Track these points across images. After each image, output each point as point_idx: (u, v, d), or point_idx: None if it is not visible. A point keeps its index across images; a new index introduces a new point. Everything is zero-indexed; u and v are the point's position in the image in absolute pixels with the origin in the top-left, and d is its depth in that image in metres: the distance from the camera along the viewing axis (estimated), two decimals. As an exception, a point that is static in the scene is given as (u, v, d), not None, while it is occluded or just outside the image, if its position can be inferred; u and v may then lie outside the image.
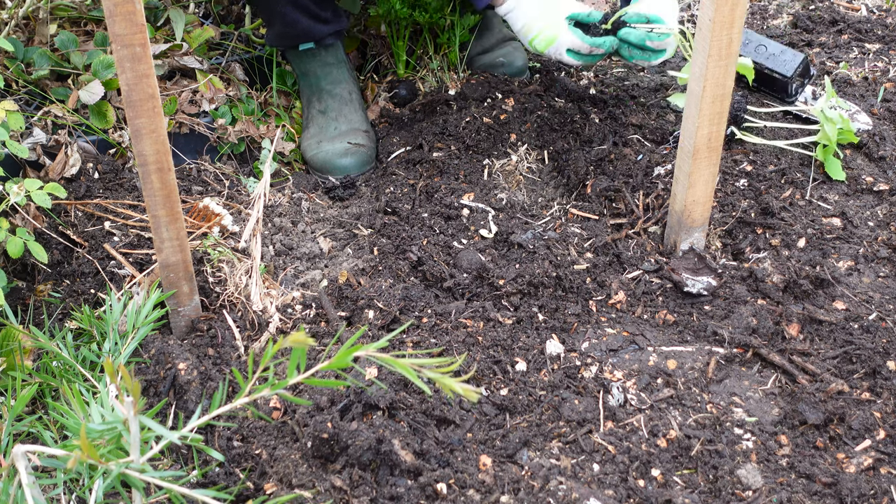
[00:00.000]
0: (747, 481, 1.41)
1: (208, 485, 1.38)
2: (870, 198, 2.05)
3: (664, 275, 1.85)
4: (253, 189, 2.14)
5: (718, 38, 1.59)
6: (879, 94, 2.41)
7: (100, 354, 1.57)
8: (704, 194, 1.80)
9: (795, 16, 2.93)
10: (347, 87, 2.31)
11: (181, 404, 1.52)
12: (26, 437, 1.42)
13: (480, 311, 1.74)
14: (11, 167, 1.99)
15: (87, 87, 2.11)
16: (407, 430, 1.43)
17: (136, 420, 0.97)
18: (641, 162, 2.10)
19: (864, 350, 1.64)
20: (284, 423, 1.49)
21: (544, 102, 2.30)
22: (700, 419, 1.53)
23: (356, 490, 1.35)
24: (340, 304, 1.79)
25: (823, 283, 1.81)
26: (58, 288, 1.83)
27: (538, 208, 2.09)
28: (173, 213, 1.54)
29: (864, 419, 1.51)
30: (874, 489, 1.40)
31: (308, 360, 1.61)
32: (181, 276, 1.64)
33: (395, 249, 1.93)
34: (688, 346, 1.70)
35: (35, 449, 0.97)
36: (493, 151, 2.18)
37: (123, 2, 1.31)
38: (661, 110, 2.37)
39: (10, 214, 1.86)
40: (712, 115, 1.68)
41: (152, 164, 1.48)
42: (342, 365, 0.92)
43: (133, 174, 2.09)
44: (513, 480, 1.37)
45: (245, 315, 1.75)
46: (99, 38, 2.26)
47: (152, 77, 1.40)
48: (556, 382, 1.61)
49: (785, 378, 1.63)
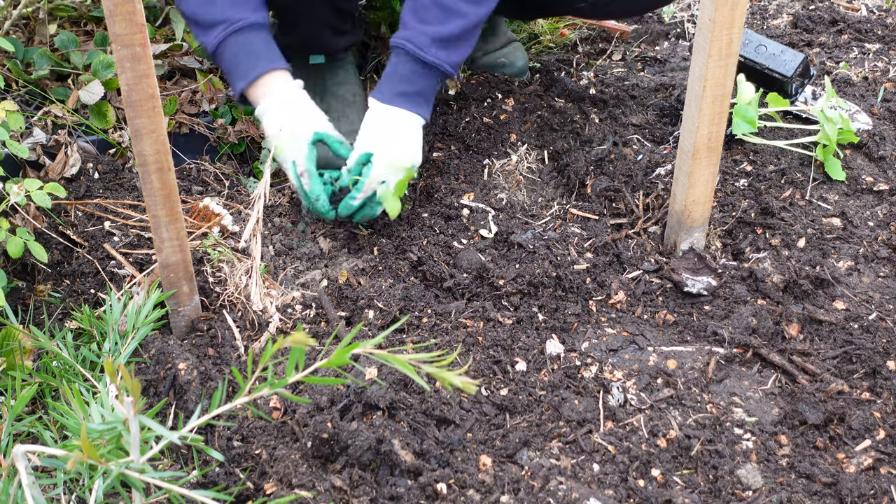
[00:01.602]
0: (747, 481, 1.41)
1: (208, 485, 1.38)
2: (870, 198, 2.05)
3: (664, 275, 1.85)
4: (253, 189, 2.14)
5: (718, 38, 1.59)
6: (879, 94, 2.41)
7: (100, 354, 1.57)
8: (704, 194, 1.80)
9: (795, 16, 2.93)
10: (352, 90, 2.31)
11: (181, 404, 1.52)
12: (26, 437, 1.42)
13: (480, 311, 1.74)
14: (11, 167, 1.99)
15: (87, 87, 2.11)
16: (407, 430, 1.43)
17: (136, 420, 0.97)
18: (641, 162, 2.10)
19: (864, 350, 1.64)
20: (284, 423, 1.49)
21: (544, 102, 2.30)
22: (700, 419, 1.53)
23: (356, 490, 1.35)
24: (340, 304, 1.79)
25: (823, 283, 1.81)
26: (58, 288, 1.83)
27: (538, 208, 2.09)
28: (173, 213, 1.54)
29: (864, 419, 1.51)
30: (874, 489, 1.40)
31: (308, 361, 1.61)
32: (181, 276, 1.64)
33: (395, 249, 1.93)
34: (688, 346, 1.70)
35: (35, 449, 0.97)
36: (493, 151, 2.18)
37: (123, 1, 1.31)
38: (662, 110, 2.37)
39: (10, 214, 1.86)
40: (712, 115, 1.68)
41: (152, 165, 1.48)
42: (341, 362, 0.92)
43: (133, 174, 2.09)
44: (513, 480, 1.37)
45: (245, 315, 1.75)
46: (99, 38, 2.26)
47: (152, 77, 1.40)
48: (556, 382, 1.61)
49: (785, 378, 1.63)
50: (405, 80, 1.90)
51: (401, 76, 1.90)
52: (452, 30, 1.86)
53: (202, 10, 1.85)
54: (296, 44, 2.29)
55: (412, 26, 1.88)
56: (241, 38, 1.86)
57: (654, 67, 2.72)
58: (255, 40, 1.87)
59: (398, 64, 1.90)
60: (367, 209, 1.91)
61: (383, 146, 1.89)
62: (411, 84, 1.90)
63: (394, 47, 1.90)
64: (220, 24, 1.85)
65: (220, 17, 1.85)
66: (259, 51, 1.88)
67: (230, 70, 1.88)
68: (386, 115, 1.91)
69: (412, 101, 1.91)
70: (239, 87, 1.89)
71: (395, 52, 1.91)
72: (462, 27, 1.86)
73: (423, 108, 1.93)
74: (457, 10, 1.86)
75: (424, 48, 1.86)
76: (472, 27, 1.89)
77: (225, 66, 1.89)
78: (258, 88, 1.89)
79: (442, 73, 1.90)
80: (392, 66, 1.91)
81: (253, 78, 1.87)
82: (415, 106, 1.92)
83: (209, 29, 1.86)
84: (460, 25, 1.86)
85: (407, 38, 1.87)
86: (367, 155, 1.89)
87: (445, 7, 1.85)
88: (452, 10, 1.85)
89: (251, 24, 1.87)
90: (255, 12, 1.88)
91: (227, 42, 1.86)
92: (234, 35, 1.85)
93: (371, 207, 1.91)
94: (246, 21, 1.86)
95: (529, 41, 2.88)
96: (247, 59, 1.87)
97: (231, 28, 1.85)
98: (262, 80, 1.88)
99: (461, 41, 1.89)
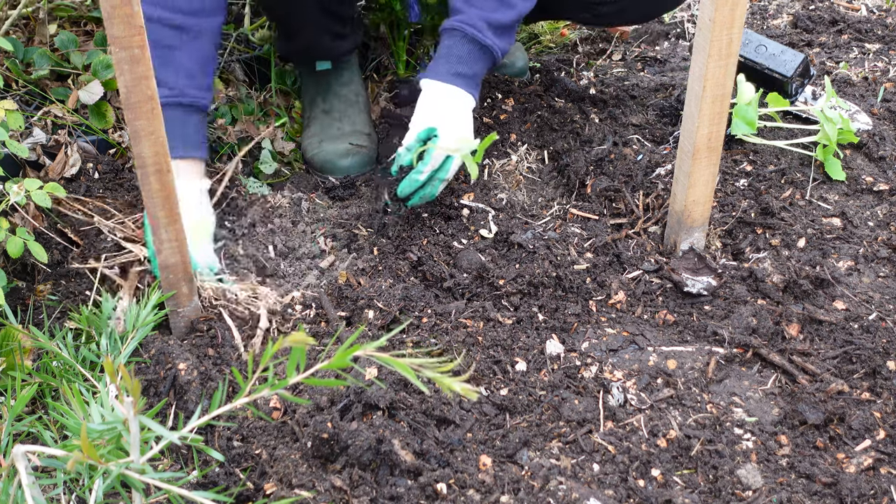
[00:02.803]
0: (747, 481, 1.41)
1: (208, 485, 1.38)
2: (870, 198, 2.05)
3: (664, 275, 1.85)
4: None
5: (718, 38, 1.59)
6: (879, 94, 2.41)
7: (100, 354, 1.57)
8: (704, 194, 1.80)
9: (795, 16, 2.93)
10: (355, 90, 2.31)
11: (181, 404, 1.52)
12: (26, 437, 1.42)
13: (480, 311, 1.74)
14: (11, 167, 1.99)
15: (86, 88, 2.11)
16: (407, 430, 1.43)
17: (136, 420, 0.97)
18: (641, 162, 2.10)
19: (864, 350, 1.64)
20: (284, 424, 1.49)
21: (544, 102, 2.30)
22: (700, 419, 1.53)
23: (356, 490, 1.35)
24: (340, 304, 1.79)
25: (823, 283, 1.81)
26: (57, 288, 1.83)
27: (538, 208, 2.09)
28: (172, 214, 1.54)
29: (864, 419, 1.51)
30: (874, 489, 1.40)
31: (308, 361, 1.61)
32: (181, 277, 1.64)
33: (395, 249, 1.93)
34: (688, 346, 1.70)
35: (35, 449, 0.97)
36: (493, 151, 2.17)
37: (121, 4, 1.31)
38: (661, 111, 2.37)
39: (9, 214, 1.86)
40: (712, 115, 1.68)
41: (151, 166, 1.48)
42: (342, 365, 0.92)
43: (133, 174, 2.09)
44: (513, 480, 1.37)
45: (245, 315, 1.75)
46: (99, 38, 2.26)
47: (151, 79, 1.40)
48: (556, 382, 1.61)
49: (785, 378, 1.63)
50: (462, 61, 1.93)
51: (458, 57, 1.93)
52: (504, 18, 1.94)
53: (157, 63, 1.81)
54: (298, 51, 2.29)
55: (467, 11, 1.94)
56: (174, 114, 1.83)
57: (654, 67, 2.72)
58: (187, 121, 1.86)
59: (454, 46, 1.93)
60: (429, 187, 1.90)
61: (448, 120, 1.91)
62: (468, 65, 1.94)
63: (448, 30, 1.95)
64: (165, 87, 1.81)
65: (169, 80, 1.83)
66: (184, 133, 1.85)
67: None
68: (446, 93, 1.93)
69: (468, 81, 1.95)
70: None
71: (448, 35, 1.95)
72: (513, 17, 1.95)
73: (475, 91, 1.98)
74: (509, 1, 1.94)
75: (483, 31, 1.91)
76: (519, 18, 1.98)
77: None
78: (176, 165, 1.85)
79: (493, 59, 1.96)
80: (447, 48, 1.94)
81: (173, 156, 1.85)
82: (470, 87, 1.96)
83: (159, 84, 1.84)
84: (512, 16, 1.94)
85: (464, 20, 1.93)
86: (428, 130, 1.89)
87: None
88: (505, 1, 1.93)
89: (189, 105, 1.86)
90: (200, 90, 1.87)
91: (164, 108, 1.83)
92: (168, 107, 1.82)
93: (433, 185, 1.90)
94: (185, 99, 1.85)
95: (529, 41, 2.88)
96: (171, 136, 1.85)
97: (170, 98, 1.83)
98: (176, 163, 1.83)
99: (510, 30, 1.98)
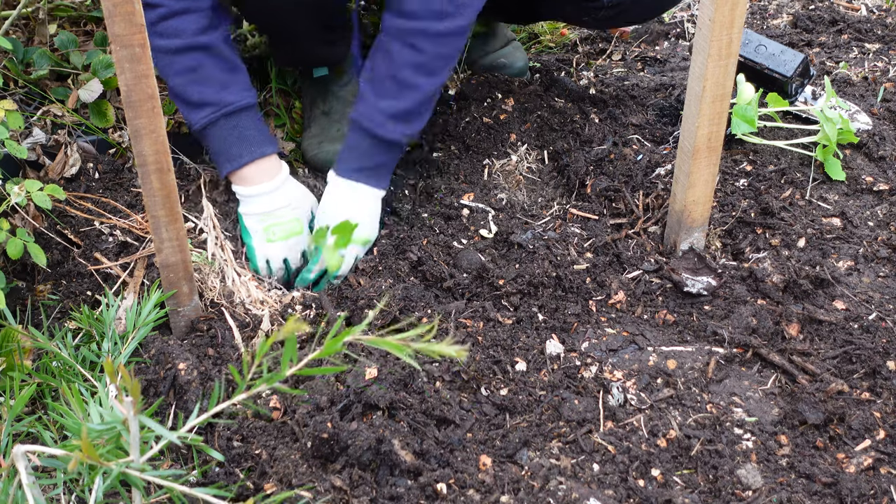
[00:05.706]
0: (747, 481, 1.41)
1: (208, 485, 1.38)
2: (870, 198, 2.05)
3: (664, 275, 1.85)
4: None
5: (718, 38, 1.59)
6: (879, 94, 2.41)
7: (100, 354, 1.57)
8: (704, 194, 1.80)
9: (795, 16, 2.93)
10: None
11: (181, 404, 1.52)
12: (26, 437, 1.42)
13: (480, 311, 1.74)
14: (11, 167, 1.99)
15: (86, 86, 2.11)
16: (407, 430, 1.43)
17: (135, 420, 0.97)
18: (641, 162, 2.10)
19: (864, 350, 1.64)
20: (284, 423, 1.49)
21: (544, 102, 2.30)
22: (700, 419, 1.53)
23: (356, 490, 1.35)
24: (340, 304, 1.79)
25: (823, 283, 1.81)
26: (57, 288, 1.83)
27: (538, 208, 2.09)
28: (173, 213, 1.54)
29: (864, 419, 1.51)
30: (874, 489, 1.40)
31: (303, 355, 1.60)
32: (181, 276, 1.64)
33: (395, 249, 1.93)
34: (688, 346, 1.70)
35: (35, 449, 0.97)
36: (493, 151, 2.18)
37: (123, 2, 1.31)
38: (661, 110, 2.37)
39: (9, 215, 1.86)
40: (712, 115, 1.68)
41: (152, 165, 1.48)
42: (333, 350, 0.92)
43: (133, 174, 2.09)
44: (513, 480, 1.37)
45: (245, 315, 1.75)
46: (99, 37, 2.26)
47: (152, 77, 1.40)
48: (556, 382, 1.61)
49: (785, 378, 1.63)
50: (364, 156, 1.90)
51: (360, 152, 1.90)
52: (408, 104, 1.86)
53: (191, 90, 1.82)
54: (293, 62, 2.29)
55: (369, 101, 1.88)
56: (233, 122, 1.84)
57: (654, 67, 2.72)
58: (247, 124, 1.87)
59: (357, 139, 1.90)
60: (324, 282, 1.91)
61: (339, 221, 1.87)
62: (370, 159, 1.91)
63: (352, 121, 1.90)
64: (209, 106, 1.82)
65: (210, 99, 1.83)
66: (251, 136, 1.86)
67: (218, 151, 1.87)
68: (344, 191, 1.92)
69: (370, 175, 1.92)
70: (226, 170, 1.88)
71: (351, 128, 1.91)
72: (418, 100, 1.86)
73: (382, 181, 1.94)
74: (412, 83, 1.84)
75: (383, 125, 1.86)
76: (429, 98, 1.89)
77: (212, 146, 1.88)
78: (246, 172, 1.88)
79: (400, 147, 1.91)
80: (351, 141, 1.91)
81: (241, 164, 1.87)
82: (373, 180, 1.92)
83: (197, 108, 1.84)
84: (416, 99, 1.86)
85: (363, 114, 1.88)
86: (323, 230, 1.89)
87: (400, 81, 1.84)
88: (408, 84, 1.85)
89: (244, 107, 1.86)
90: (243, 92, 1.87)
91: (217, 124, 1.84)
92: (224, 118, 1.84)
93: (328, 279, 1.91)
94: (237, 104, 1.85)
95: (529, 41, 2.88)
96: (238, 143, 1.84)
97: (222, 111, 1.83)
98: (251, 166, 1.88)
99: (418, 113, 1.89)
